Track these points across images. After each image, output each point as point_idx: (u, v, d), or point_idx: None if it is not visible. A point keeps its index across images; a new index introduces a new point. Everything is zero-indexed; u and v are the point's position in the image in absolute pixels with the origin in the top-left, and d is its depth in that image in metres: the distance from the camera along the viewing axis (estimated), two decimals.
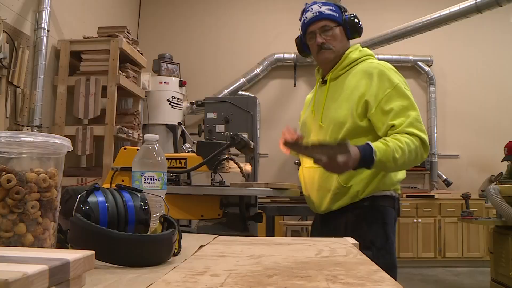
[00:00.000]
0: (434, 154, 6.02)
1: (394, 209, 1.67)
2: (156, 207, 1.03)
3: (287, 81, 6.23)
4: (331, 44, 1.70)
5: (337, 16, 1.71)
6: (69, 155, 1.09)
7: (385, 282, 0.61)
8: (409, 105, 1.58)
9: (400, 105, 1.57)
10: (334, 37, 1.70)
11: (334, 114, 1.65)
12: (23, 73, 3.24)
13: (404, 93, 1.59)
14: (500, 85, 6.15)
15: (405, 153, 1.49)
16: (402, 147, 1.49)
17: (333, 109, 1.67)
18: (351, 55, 1.72)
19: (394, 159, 1.48)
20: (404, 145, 1.50)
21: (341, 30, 1.72)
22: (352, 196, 1.61)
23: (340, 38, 1.71)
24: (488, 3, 4.47)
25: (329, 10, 1.71)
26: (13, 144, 0.65)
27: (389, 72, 1.63)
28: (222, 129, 3.96)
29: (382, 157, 1.47)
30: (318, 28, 1.70)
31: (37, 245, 0.66)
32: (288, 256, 0.84)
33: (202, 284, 0.59)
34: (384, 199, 1.64)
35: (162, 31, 6.24)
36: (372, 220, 1.62)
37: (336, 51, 1.71)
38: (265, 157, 6.00)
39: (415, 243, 5.39)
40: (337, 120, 1.63)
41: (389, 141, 1.50)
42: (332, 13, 1.71)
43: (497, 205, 3.46)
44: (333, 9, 1.72)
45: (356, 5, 6.04)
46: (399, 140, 1.50)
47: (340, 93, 1.67)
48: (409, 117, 1.56)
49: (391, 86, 1.59)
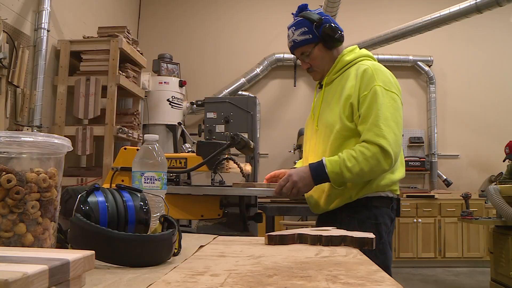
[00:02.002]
0: (434, 154, 6.03)
1: (391, 209, 1.67)
2: (156, 207, 1.03)
3: (287, 81, 6.23)
4: (314, 66, 1.75)
5: (310, 37, 1.69)
6: (69, 155, 1.10)
7: (385, 282, 0.61)
8: (373, 109, 1.56)
9: (366, 110, 1.57)
10: (314, 58, 1.73)
11: (327, 117, 1.68)
12: (23, 73, 3.24)
13: (375, 96, 1.56)
14: (500, 85, 6.15)
15: (358, 161, 1.52)
16: (355, 155, 1.53)
17: (326, 113, 1.70)
18: (344, 58, 1.72)
19: (347, 168, 1.53)
20: (357, 153, 1.53)
21: (319, 47, 1.71)
22: (346, 198, 1.64)
23: (321, 57, 1.72)
24: (488, 3, 4.47)
25: (302, 34, 1.70)
26: (13, 144, 0.65)
27: (374, 73, 1.61)
28: (222, 129, 3.96)
29: (334, 168, 1.54)
30: (298, 55, 1.75)
31: (37, 245, 0.66)
32: (288, 256, 0.84)
33: (202, 284, 0.59)
34: (378, 199, 1.64)
35: (162, 31, 6.24)
36: (363, 220, 1.62)
37: (321, 69, 1.75)
38: (265, 157, 6.00)
39: (415, 243, 5.39)
40: (328, 123, 1.67)
41: (344, 152, 1.56)
42: (305, 37, 1.70)
43: (497, 205, 3.47)
44: (305, 30, 1.69)
45: (356, 5, 6.06)
46: (353, 150, 1.55)
47: (333, 96, 1.70)
48: (368, 123, 1.55)
49: (368, 89, 1.59)
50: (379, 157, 1.52)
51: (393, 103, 1.58)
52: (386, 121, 1.54)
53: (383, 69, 1.65)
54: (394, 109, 1.57)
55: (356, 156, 1.53)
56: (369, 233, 1.02)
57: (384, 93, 1.57)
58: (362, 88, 1.59)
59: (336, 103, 1.66)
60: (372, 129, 1.54)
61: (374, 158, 1.52)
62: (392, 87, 1.61)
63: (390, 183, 1.65)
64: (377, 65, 1.67)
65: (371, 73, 1.60)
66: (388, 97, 1.58)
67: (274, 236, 1.02)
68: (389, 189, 1.66)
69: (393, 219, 1.69)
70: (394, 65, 5.86)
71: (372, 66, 1.63)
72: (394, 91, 1.61)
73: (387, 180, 1.63)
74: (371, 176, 1.59)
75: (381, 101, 1.56)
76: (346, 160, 1.53)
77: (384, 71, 1.64)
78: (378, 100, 1.56)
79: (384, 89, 1.58)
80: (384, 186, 1.63)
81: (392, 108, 1.57)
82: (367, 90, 1.58)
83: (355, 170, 1.52)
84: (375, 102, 1.56)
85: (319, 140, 1.70)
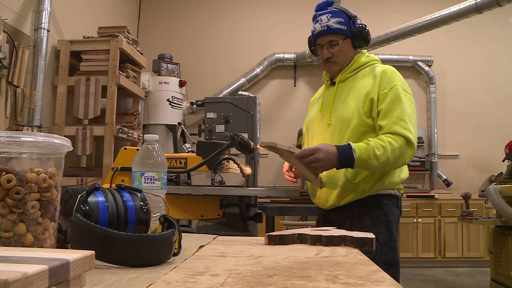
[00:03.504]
0: (434, 154, 6.03)
1: (397, 207, 1.71)
2: (156, 207, 1.03)
3: (287, 81, 6.23)
4: (337, 58, 1.74)
5: (345, 29, 1.72)
6: (69, 155, 1.10)
7: (385, 282, 0.61)
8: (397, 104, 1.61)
9: (389, 105, 1.61)
10: (340, 50, 1.73)
11: (342, 112, 1.69)
12: (23, 73, 3.24)
13: (397, 94, 1.62)
14: (500, 85, 6.15)
15: (387, 151, 1.54)
16: (384, 145, 1.54)
17: (340, 108, 1.71)
18: (360, 59, 1.76)
19: (376, 156, 1.53)
20: (385, 143, 1.55)
21: (348, 42, 1.74)
22: (359, 193, 1.65)
23: (346, 51, 1.75)
24: (488, 3, 4.47)
25: (338, 23, 1.71)
26: (13, 144, 0.65)
27: (392, 74, 1.68)
28: (222, 129, 3.96)
29: (362, 154, 1.53)
30: (325, 42, 1.73)
31: (37, 245, 0.66)
32: (288, 256, 0.84)
33: (202, 284, 0.59)
34: (388, 197, 1.68)
35: (162, 31, 6.24)
36: (376, 217, 1.65)
37: (341, 64, 1.76)
38: (265, 157, 6.00)
39: (415, 243, 5.39)
40: (344, 118, 1.67)
41: (371, 140, 1.57)
42: (340, 26, 1.71)
43: (497, 205, 3.46)
44: (342, 21, 1.71)
45: (357, 5, 6.05)
46: (381, 139, 1.56)
47: (348, 93, 1.71)
48: (393, 117, 1.59)
49: (389, 87, 1.64)
50: (404, 149, 1.57)
51: (411, 104, 1.65)
52: (409, 117, 1.60)
53: (398, 72, 1.73)
54: (412, 109, 1.65)
55: (385, 146, 1.54)
56: (369, 233, 1.02)
57: (403, 93, 1.64)
58: (382, 86, 1.64)
59: (352, 99, 1.68)
60: (398, 122, 1.58)
61: (400, 150, 1.56)
62: (408, 89, 1.70)
63: (399, 181, 1.69)
64: (393, 68, 1.74)
65: (390, 74, 1.67)
66: (407, 97, 1.65)
67: (274, 236, 1.02)
68: (397, 187, 1.70)
69: (399, 217, 1.73)
70: (394, 65, 5.76)
71: (390, 68, 1.71)
72: (410, 92, 1.69)
73: (397, 178, 1.68)
74: (393, 167, 1.62)
75: (404, 99, 1.62)
76: (375, 148, 1.54)
77: (399, 74, 1.72)
78: (401, 97, 1.62)
79: (403, 89, 1.65)
80: (394, 183, 1.67)
81: (411, 108, 1.64)
82: (388, 88, 1.63)
83: (383, 159, 1.54)
84: (398, 99, 1.61)
85: (333, 135, 1.69)
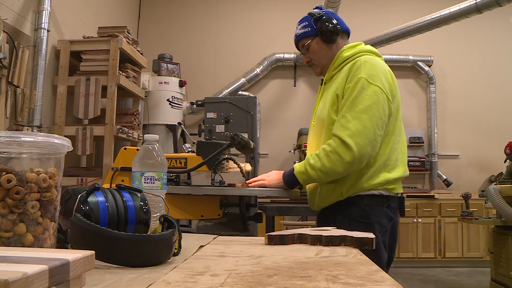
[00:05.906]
0: (434, 154, 6.03)
1: (389, 208, 1.62)
2: (156, 207, 1.03)
3: (287, 81, 6.23)
4: (313, 59, 1.78)
5: (309, 30, 1.74)
6: (69, 155, 1.10)
7: (385, 282, 0.61)
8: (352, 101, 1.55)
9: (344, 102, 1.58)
10: (313, 51, 1.76)
11: (319, 112, 1.72)
12: (23, 73, 3.24)
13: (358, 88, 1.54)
14: (500, 85, 6.15)
15: (320, 158, 1.56)
16: (317, 153, 1.58)
17: (320, 108, 1.73)
18: (343, 53, 1.71)
19: (311, 166, 1.57)
20: (319, 150, 1.58)
21: (317, 41, 1.74)
22: (337, 195, 1.63)
23: (318, 50, 1.75)
24: (488, 3, 4.47)
25: (302, 28, 1.77)
26: (13, 144, 0.65)
27: (361, 65, 1.58)
28: (222, 129, 3.95)
29: (300, 168, 1.60)
30: (300, 49, 1.80)
31: (37, 245, 0.66)
32: (288, 256, 0.84)
33: (202, 284, 0.59)
34: (370, 198, 1.60)
35: (162, 31, 6.24)
36: (354, 218, 1.59)
37: (320, 63, 1.77)
38: (265, 157, 6.00)
39: (415, 243, 5.39)
40: (320, 118, 1.70)
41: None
42: (304, 30, 1.75)
43: (497, 205, 3.46)
44: (306, 24, 1.75)
45: (356, 5, 6.06)
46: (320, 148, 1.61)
47: (328, 92, 1.71)
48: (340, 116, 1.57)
49: (353, 81, 1.57)
50: (340, 151, 1.52)
51: (373, 96, 1.53)
52: (357, 113, 1.52)
53: (375, 63, 1.60)
54: (372, 102, 1.52)
55: (318, 153, 1.57)
56: (369, 233, 1.02)
57: (366, 85, 1.54)
58: (348, 80, 1.59)
59: (329, 98, 1.67)
60: (339, 120, 1.56)
61: (335, 152, 1.53)
62: (377, 80, 1.55)
63: (384, 182, 1.59)
64: (369, 58, 1.62)
65: (358, 66, 1.59)
66: (369, 89, 1.54)
67: (274, 236, 1.02)
68: (384, 188, 1.60)
69: (392, 218, 1.64)
70: (394, 65, 5.86)
71: (363, 59, 1.60)
72: (377, 84, 1.55)
73: (381, 179, 1.59)
74: (337, 172, 1.55)
75: (358, 93, 1.54)
76: (310, 158, 1.58)
77: (374, 64, 1.60)
78: (355, 91, 1.55)
79: (367, 81, 1.55)
80: (377, 185, 1.59)
81: (369, 101, 1.53)
82: (352, 82, 1.57)
83: (317, 166, 1.56)
84: (352, 94, 1.55)
85: (314, 136, 1.74)
